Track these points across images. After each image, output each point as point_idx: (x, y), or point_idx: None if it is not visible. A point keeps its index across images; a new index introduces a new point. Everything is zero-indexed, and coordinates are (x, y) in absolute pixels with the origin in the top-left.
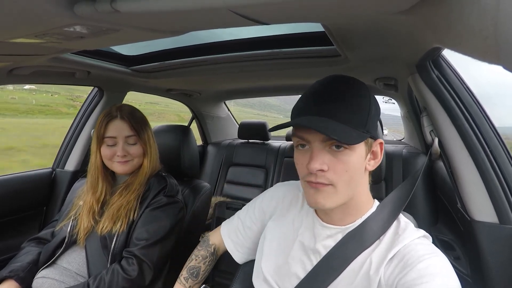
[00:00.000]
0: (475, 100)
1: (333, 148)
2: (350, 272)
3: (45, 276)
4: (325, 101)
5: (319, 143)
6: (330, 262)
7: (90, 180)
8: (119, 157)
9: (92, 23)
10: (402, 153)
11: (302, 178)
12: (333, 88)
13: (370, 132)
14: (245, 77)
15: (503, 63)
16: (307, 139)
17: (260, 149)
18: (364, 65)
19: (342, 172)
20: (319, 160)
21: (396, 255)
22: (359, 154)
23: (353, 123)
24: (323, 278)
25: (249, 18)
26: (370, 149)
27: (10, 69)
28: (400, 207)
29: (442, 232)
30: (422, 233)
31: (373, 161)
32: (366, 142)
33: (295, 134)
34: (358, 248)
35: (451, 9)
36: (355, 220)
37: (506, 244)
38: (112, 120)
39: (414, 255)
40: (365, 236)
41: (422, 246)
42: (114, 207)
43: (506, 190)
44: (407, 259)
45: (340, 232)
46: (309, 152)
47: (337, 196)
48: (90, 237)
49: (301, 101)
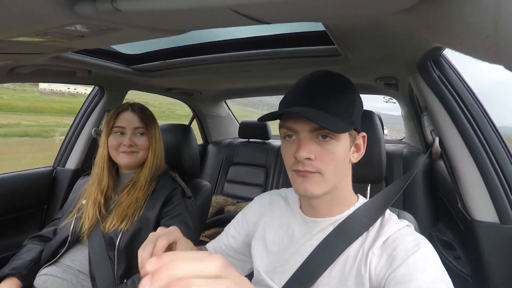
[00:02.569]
0: (476, 99)
1: (319, 138)
2: (340, 264)
3: (48, 274)
4: (313, 93)
5: (306, 133)
6: (322, 252)
7: (96, 172)
8: (125, 146)
9: (93, 22)
10: (402, 153)
11: (289, 167)
12: (321, 82)
13: (354, 124)
14: (246, 76)
15: (504, 63)
16: (295, 129)
17: (260, 149)
18: (364, 65)
19: (329, 161)
20: (307, 148)
21: (383, 246)
22: (344, 145)
23: (340, 115)
24: (315, 269)
25: (250, 18)
26: (354, 141)
27: (11, 68)
28: (390, 201)
29: (443, 232)
30: (405, 223)
31: (356, 154)
32: (350, 134)
33: (283, 125)
34: (347, 239)
35: (452, 8)
36: (343, 211)
37: (507, 244)
38: (122, 112)
39: (402, 249)
40: (354, 227)
41: (408, 237)
42: (123, 205)
43: (506, 190)
44: (395, 254)
45: (331, 224)
46: (296, 143)
47: (325, 183)
48: (93, 234)
49: (289, 93)
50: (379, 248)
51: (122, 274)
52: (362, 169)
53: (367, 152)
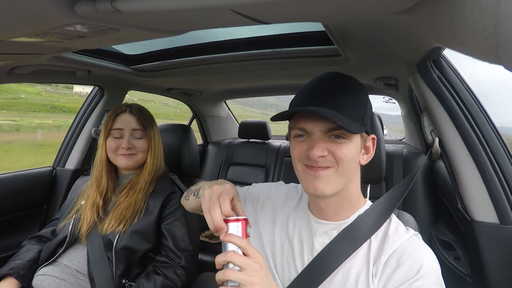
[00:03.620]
0: (476, 99)
1: (332, 138)
2: (343, 272)
3: (46, 274)
4: (326, 93)
5: (320, 133)
6: (325, 259)
7: (95, 174)
8: (124, 149)
9: (93, 23)
10: (402, 153)
11: (300, 160)
12: (334, 82)
13: (366, 126)
14: (246, 76)
15: (504, 63)
16: (308, 130)
17: (260, 149)
18: (364, 65)
19: (342, 156)
20: (321, 147)
21: (389, 259)
22: (355, 146)
23: (353, 116)
24: (318, 275)
25: (250, 18)
26: (364, 143)
27: (11, 68)
28: (394, 205)
29: (443, 232)
30: (412, 232)
31: (366, 156)
32: (361, 135)
33: (295, 126)
34: (351, 246)
35: (452, 8)
36: (349, 215)
37: (506, 244)
38: (120, 114)
39: (407, 270)
40: (359, 233)
41: (412, 248)
42: (121, 207)
43: (506, 191)
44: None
45: (335, 228)
46: (307, 141)
47: (336, 179)
48: (91, 235)
49: (301, 94)
50: (384, 264)
51: (121, 274)
52: (362, 170)
53: None
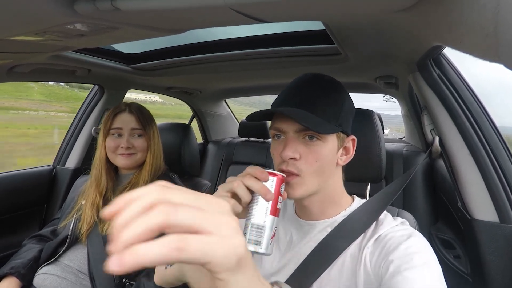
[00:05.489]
0: (476, 98)
1: (306, 138)
2: (339, 264)
3: (47, 273)
4: (303, 94)
5: (293, 133)
6: (321, 252)
7: (95, 173)
8: (123, 148)
9: (93, 21)
10: (402, 152)
11: (276, 166)
12: (310, 83)
13: (342, 127)
14: (246, 75)
15: (504, 61)
16: (283, 130)
17: (260, 148)
18: (364, 63)
19: (312, 162)
20: (292, 148)
21: (376, 241)
22: (331, 146)
23: (327, 116)
24: (314, 269)
25: (250, 16)
26: (343, 144)
27: (10, 67)
28: (389, 200)
29: (442, 231)
30: (399, 220)
31: (345, 157)
32: (338, 136)
33: (272, 126)
34: (348, 237)
35: (452, 7)
36: (339, 212)
37: (507, 243)
38: (119, 113)
39: (395, 240)
40: (355, 225)
41: (400, 231)
42: None
43: (506, 189)
44: (389, 245)
45: (329, 225)
46: (283, 142)
47: (304, 186)
48: (92, 235)
49: (281, 94)
50: (373, 244)
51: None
52: (362, 169)
53: (366, 151)
